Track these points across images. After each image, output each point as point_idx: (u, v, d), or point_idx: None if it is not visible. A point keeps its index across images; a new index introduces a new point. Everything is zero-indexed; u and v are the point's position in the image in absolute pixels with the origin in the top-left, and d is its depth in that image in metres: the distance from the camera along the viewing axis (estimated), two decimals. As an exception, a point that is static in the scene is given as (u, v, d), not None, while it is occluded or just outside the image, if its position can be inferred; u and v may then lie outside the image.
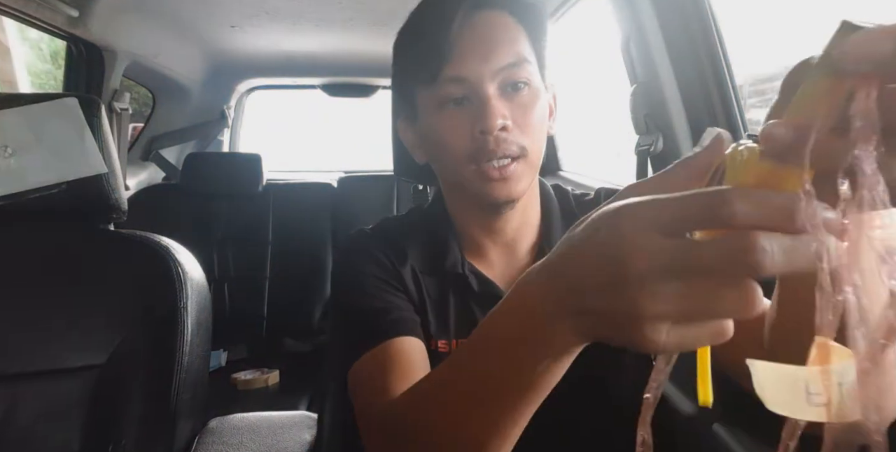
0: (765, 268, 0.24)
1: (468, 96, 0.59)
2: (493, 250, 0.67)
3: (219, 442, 0.93)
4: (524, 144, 0.59)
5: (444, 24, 0.58)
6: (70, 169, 0.84)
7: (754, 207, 0.24)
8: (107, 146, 0.88)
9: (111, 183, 0.88)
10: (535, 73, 0.61)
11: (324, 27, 1.85)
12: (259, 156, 2.19)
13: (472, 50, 0.58)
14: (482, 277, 0.65)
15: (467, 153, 0.59)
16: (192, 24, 1.84)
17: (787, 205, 0.23)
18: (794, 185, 0.24)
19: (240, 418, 1.01)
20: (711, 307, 0.25)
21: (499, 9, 0.61)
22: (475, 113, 0.58)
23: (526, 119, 0.59)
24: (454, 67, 0.58)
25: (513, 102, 0.59)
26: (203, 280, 0.96)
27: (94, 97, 0.91)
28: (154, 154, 2.36)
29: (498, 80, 0.58)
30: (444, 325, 0.65)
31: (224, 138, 2.82)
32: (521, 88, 0.59)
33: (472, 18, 0.59)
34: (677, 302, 0.25)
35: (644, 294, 0.25)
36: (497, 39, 0.59)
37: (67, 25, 1.47)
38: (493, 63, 0.58)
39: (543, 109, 0.61)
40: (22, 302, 0.87)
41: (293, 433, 0.96)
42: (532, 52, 0.61)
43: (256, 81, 2.76)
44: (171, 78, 2.14)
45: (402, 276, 0.66)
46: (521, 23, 0.61)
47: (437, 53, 0.58)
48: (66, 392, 0.84)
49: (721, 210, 0.24)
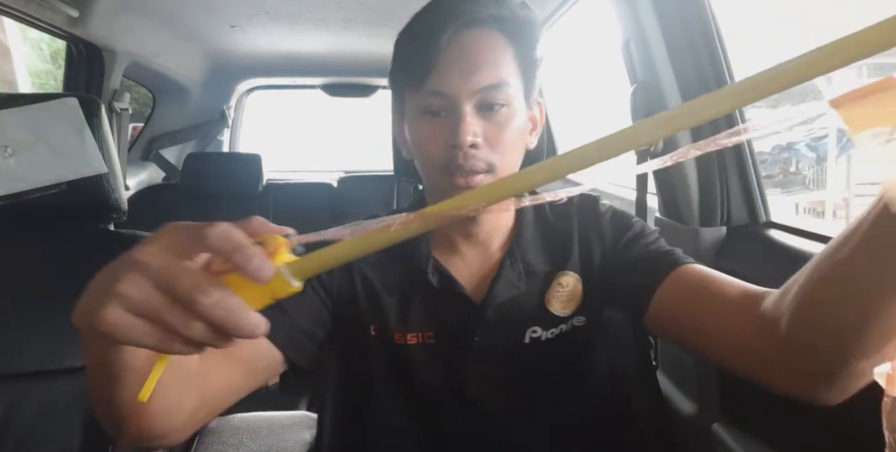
0: (200, 314, 0.30)
1: (446, 109, 0.61)
2: (466, 248, 0.70)
3: (219, 442, 0.93)
4: (493, 161, 0.61)
5: (434, 37, 0.60)
6: (70, 169, 0.84)
7: (218, 242, 0.31)
8: (107, 146, 0.88)
9: (111, 183, 0.88)
10: (515, 94, 0.62)
11: (323, 27, 1.85)
12: (259, 156, 2.19)
13: (456, 67, 0.60)
14: (445, 274, 0.68)
15: (440, 162, 0.62)
16: (192, 24, 1.84)
17: (240, 254, 0.31)
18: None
19: (240, 418, 1.01)
20: (174, 324, 0.31)
21: (490, 27, 0.62)
22: (450, 126, 0.60)
23: (498, 137, 0.61)
24: (436, 81, 0.61)
25: (488, 120, 0.61)
26: (203, 280, 0.96)
27: (94, 97, 0.91)
28: (154, 154, 2.36)
29: (476, 99, 0.61)
30: (404, 319, 0.68)
31: (224, 138, 2.82)
32: (498, 109, 0.61)
33: (461, 35, 0.61)
34: (145, 300, 0.31)
35: (127, 277, 0.31)
36: (481, 60, 0.61)
37: (67, 25, 1.47)
38: (473, 82, 0.60)
39: (519, 128, 0.63)
40: (21, 302, 0.87)
41: (293, 433, 0.96)
42: (517, 73, 0.63)
43: (256, 81, 2.76)
44: (171, 78, 2.14)
45: (350, 276, 0.69)
46: (512, 42, 0.63)
47: (423, 64, 0.61)
48: (66, 392, 0.84)
49: (199, 238, 0.31)
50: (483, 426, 0.68)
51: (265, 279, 0.31)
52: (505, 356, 0.67)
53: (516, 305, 0.67)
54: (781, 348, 0.48)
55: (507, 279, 0.67)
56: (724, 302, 0.56)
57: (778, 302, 0.48)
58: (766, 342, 0.50)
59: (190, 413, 0.53)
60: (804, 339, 0.47)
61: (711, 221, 0.93)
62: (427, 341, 0.67)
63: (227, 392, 0.59)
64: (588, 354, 0.70)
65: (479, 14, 0.61)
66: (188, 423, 0.54)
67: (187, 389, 0.52)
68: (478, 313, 0.67)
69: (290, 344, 0.64)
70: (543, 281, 0.69)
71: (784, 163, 4.39)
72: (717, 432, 0.87)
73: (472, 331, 0.67)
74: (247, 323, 0.31)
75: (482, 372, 0.67)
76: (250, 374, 0.62)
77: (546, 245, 0.71)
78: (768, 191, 0.94)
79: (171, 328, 0.31)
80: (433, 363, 0.67)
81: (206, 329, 0.31)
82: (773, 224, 0.93)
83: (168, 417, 0.51)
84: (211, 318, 0.31)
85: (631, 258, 0.67)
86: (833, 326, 0.44)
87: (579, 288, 0.69)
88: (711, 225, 0.93)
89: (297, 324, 0.65)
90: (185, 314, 0.31)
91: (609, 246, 0.70)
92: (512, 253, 0.69)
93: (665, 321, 0.62)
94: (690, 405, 0.97)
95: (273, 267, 0.32)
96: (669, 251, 0.66)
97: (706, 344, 0.58)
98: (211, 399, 0.56)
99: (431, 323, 0.68)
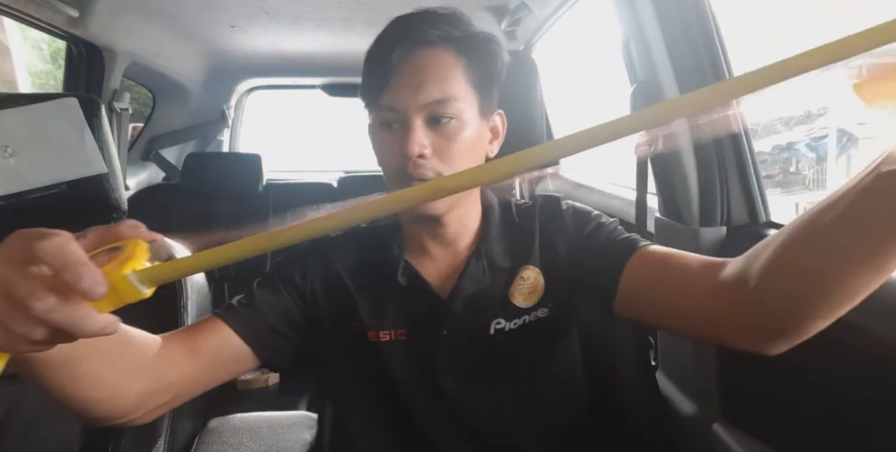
0: (36, 316, 0.33)
1: (398, 122, 0.67)
2: (434, 248, 0.75)
3: (219, 442, 0.93)
4: (441, 170, 0.65)
5: (387, 56, 0.66)
6: (70, 169, 0.84)
7: (48, 257, 0.33)
8: (107, 146, 0.88)
9: (111, 183, 0.88)
10: (465, 107, 0.67)
11: (323, 27, 1.85)
12: (259, 156, 2.19)
13: (406, 84, 0.66)
14: (414, 275, 0.73)
15: (394, 171, 0.67)
16: (192, 24, 1.84)
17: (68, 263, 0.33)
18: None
19: (240, 418, 1.01)
20: (14, 328, 0.33)
21: (440, 47, 0.67)
22: (401, 138, 0.65)
23: (446, 148, 0.66)
24: (389, 97, 0.66)
25: (436, 132, 0.66)
26: (203, 280, 0.96)
27: (94, 97, 0.90)
28: (154, 154, 2.36)
29: (424, 113, 0.65)
30: (378, 318, 0.73)
31: (224, 138, 2.82)
32: (446, 122, 0.66)
33: (412, 54, 0.66)
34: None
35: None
36: (429, 76, 0.65)
37: (67, 25, 1.47)
38: (421, 97, 0.65)
39: (470, 139, 0.67)
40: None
41: (293, 433, 0.97)
42: (469, 87, 0.67)
43: (256, 81, 2.76)
44: (171, 78, 2.14)
45: (327, 278, 0.75)
46: (463, 59, 0.67)
47: (378, 82, 0.67)
48: (66, 392, 0.84)
49: (32, 251, 0.34)
50: (459, 416, 0.72)
51: (96, 296, 0.33)
52: (472, 347, 0.72)
53: (481, 298, 0.72)
54: (743, 309, 0.53)
55: (471, 274, 0.72)
56: (687, 272, 0.60)
57: (745, 266, 0.52)
58: (726, 303, 0.55)
59: (141, 398, 0.58)
60: (770, 301, 0.51)
61: (711, 221, 0.93)
62: (399, 337, 0.72)
63: (192, 381, 0.64)
64: (553, 343, 0.76)
65: (429, 35, 0.66)
66: (142, 405, 0.59)
67: (133, 377, 0.57)
68: (445, 307, 0.72)
69: (256, 339, 0.68)
70: (507, 276, 0.74)
71: (784, 163, 4.39)
72: (717, 432, 0.87)
73: (441, 325, 0.72)
74: (89, 326, 0.34)
75: (452, 364, 0.72)
76: (217, 365, 0.67)
77: (510, 242, 0.75)
78: (768, 191, 0.94)
79: (12, 331, 0.33)
80: (407, 358, 0.72)
81: (47, 331, 0.34)
82: (774, 224, 0.93)
83: (109, 402, 0.56)
84: (50, 322, 0.33)
85: (594, 246, 0.71)
86: (800, 290, 0.47)
87: (541, 281, 0.74)
88: (711, 225, 0.93)
89: (266, 321, 0.70)
90: (26, 319, 0.33)
91: (573, 238, 0.74)
92: (478, 250, 0.74)
93: (634, 300, 0.66)
94: (690, 405, 0.97)
95: (107, 283, 0.33)
96: (629, 236, 0.70)
97: (671, 313, 0.63)
98: (177, 385, 0.62)
99: (403, 321, 0.73)
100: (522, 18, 1.65)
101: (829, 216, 0.43)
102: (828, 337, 0.50)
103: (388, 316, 0.73)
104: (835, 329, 0.49)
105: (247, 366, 0.70)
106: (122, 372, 0.56)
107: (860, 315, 0.48)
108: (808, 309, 0.48)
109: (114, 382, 0.56)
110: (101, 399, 0.55)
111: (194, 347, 0.64)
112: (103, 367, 0.54)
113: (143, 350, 0.59)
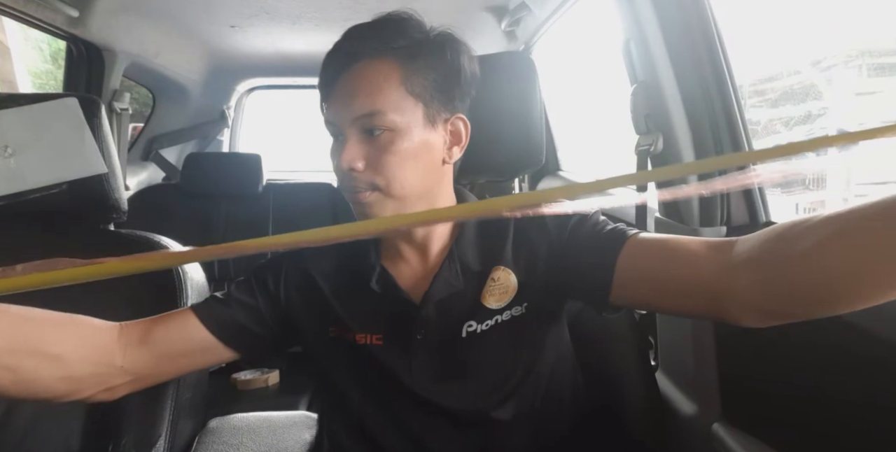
0: None
1: (338, 135, 0.69)
2: (409, 252, 0.76)
3: (219, 442, 0.93)
4: (375, 182, 0.67)
5: (326, 72, 0.69)
6: (70, 169, 0.84)
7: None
8: (107, 146, 0.88)
9: (111, 183, 0.88)
10: (399, 119, 0.66)
11: (323, 27, 1.85)
12: (259, 156, 2.19)
13: (339, 98, 0.68)
14: (388, 281, 0.74)
15: (339, 181, 0.71)
16: (192, 24, 1.84)
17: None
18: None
19: (240, 418, 1.01)
20: None
21: (379, 58, 0.67)
22: (341, 150, 0.67)
23: (380, 160, 0.66)
24: (329, 111, 0.70)
25: (371, 145, 0.67)
26: (203, 280, 0.96)
27: (94, 97, 0.90)
28: (154, 154, 2.36)
29: (357, 126, 0.67)
30: (355, 323, 0.74)
31: (224, 138, 2.82)
32: (378, 134, 0.66)
33: (351, 66, 0.68)
34: None
35: None
36: (359, 90, 0.67)
37: (67, 25, 1.47)
38: (351, 112, 0.67)
39: (408, 149, 0.67)
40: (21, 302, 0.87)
41: (293, 433, 0.97)
42: (408, 97, 0.67)
43: (256, 81, 2.76)
44: (171, 78, 2.14)
45: (305, 284, 0.77)
46: (406, 68, 0.67)
47: (322, 95, 0.70)
48: (66, 393, 0.84)
49: None
50: (439, 419, 0.72)
51: None
52: (445, 350, 0.72)
53: (453, 302, 0.72)
54: (755, 289, 0.52)
55: (444, 278, 0.73)
56: (689, 251, 0.60)
57: (764, 249, 0.52)
58: (736, 282, 0.53)
59: (94, 378, 0.65)
60: (790, 289, 0.50)
61: (711, 221, 0.93)
62: (376, 342, 0.73)
63: (148, 366, 0.69)
64: (530, 341, 0.74)
65: (366, 47, 0.68)
66: (95, 385, 0.66)
67: (81, 361, 0.64)
68: (417, 311, 0.72)
69: (224, 333, 0.72)
70: (479, 279, 0.73)
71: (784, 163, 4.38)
72: (717, 432, 0.87)
73: (415, 329, 0.72)
74: None
75: (426, 367, 0.72)
76: (178, 355, 0.71)
77: (483, 245, 0.75)
78: (768, 190, 0.94)
79: None
80: (383, 362, 0.73)
81: None
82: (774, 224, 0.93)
83: (61, 383, 0.63)
84: None
85: (581, 241, 0.70)
86: (832, 285, 0.47)
87: (512, 281, 0.73)
88: (711, 225, 0.93)
89: (235, 318, 0.74)
90: None
91: (555, 236, 0.73)
92: (451, 254, 0.74)
93: (631, 288, 0.65)
94: (690, 405, 0.97)
95: None
96: (615, 227, 0.69)
97: (671, 294, 0.62)
98: (130, 370, 0.67)
99: (379, 326, 0.74)
100: (522, 18, 1.65)
101: (882, 221, 0.43)
102: (828, 337, 0.50)
103: (364, 321, 0.74)
104: (835, 329, 0.49)
105: (220, 357, 0.74)
106: (40, 361, 0.61)
107: (860, 315, 0.48)
108: (830, 304, 0.48)
109: (33, 370, 0.61)
110: (49, 379, 0.62)
111: (148, 337, 0.69)
112: (19, 358, 0.60)
113: (63, 337, 0.63)
